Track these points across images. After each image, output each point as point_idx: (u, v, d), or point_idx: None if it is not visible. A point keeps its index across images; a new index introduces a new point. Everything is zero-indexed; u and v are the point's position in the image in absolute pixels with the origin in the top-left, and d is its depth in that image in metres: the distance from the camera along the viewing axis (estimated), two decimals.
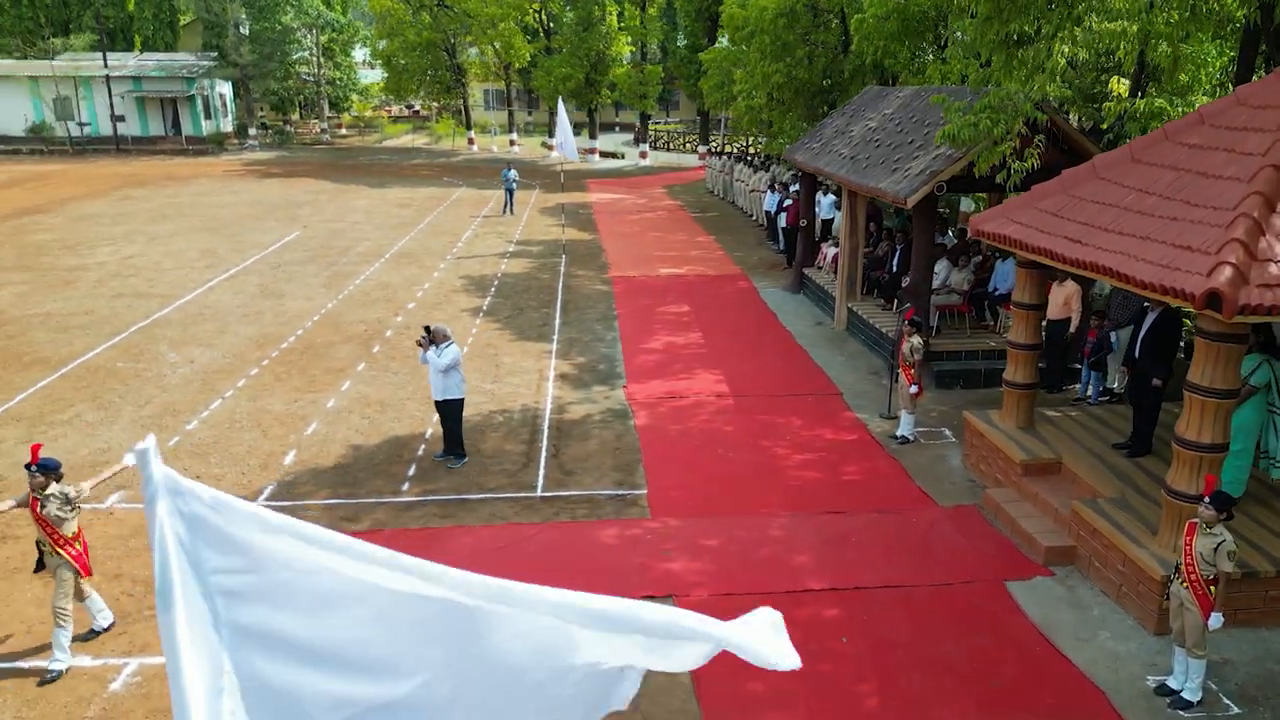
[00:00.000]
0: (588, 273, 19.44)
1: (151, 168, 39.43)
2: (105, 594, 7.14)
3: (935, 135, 10.70)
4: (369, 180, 35.09)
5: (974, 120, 9.66)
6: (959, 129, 9.81)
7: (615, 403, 11.70)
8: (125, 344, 13.73)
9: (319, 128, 54.27)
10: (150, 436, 2.34)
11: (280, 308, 15.95)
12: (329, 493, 9.07)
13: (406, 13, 43.21)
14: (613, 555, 8.06)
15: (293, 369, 12.69)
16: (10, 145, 45.98)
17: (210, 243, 21.98)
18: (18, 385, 11.83)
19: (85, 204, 28.44)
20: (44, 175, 36.43)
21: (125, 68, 47.21)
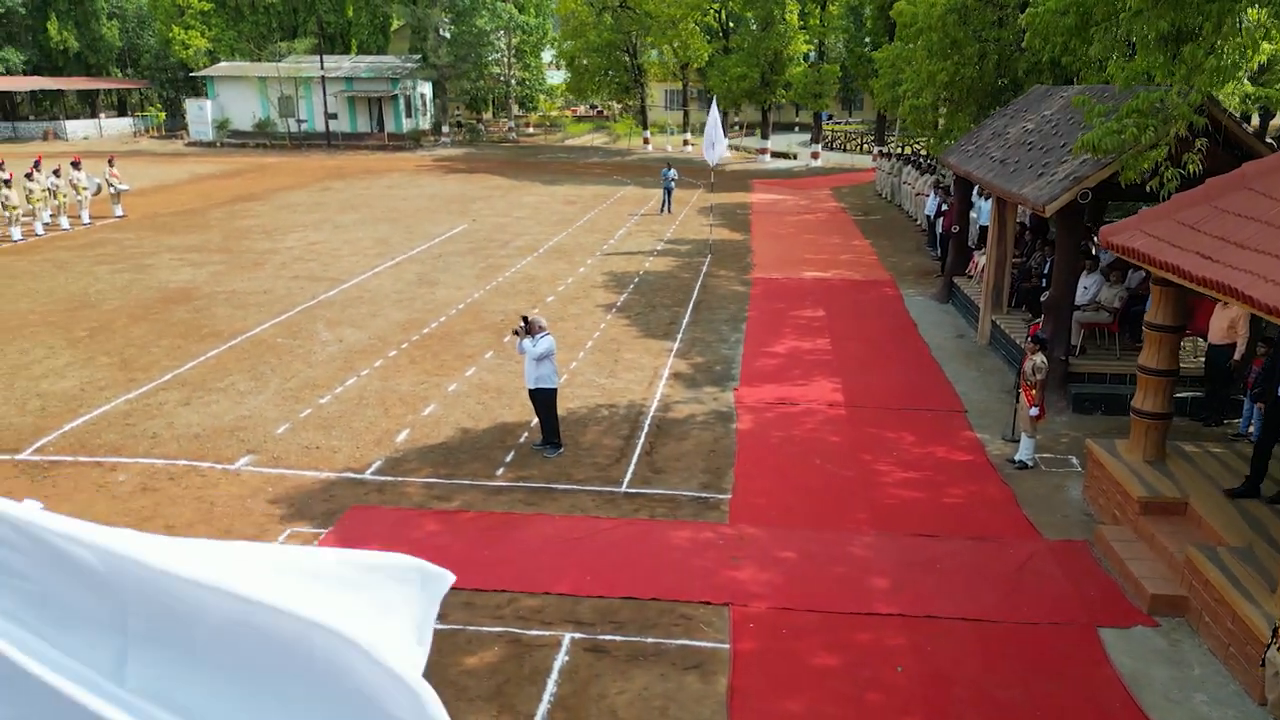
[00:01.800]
0: (729, 273, 19.34)
1: (354, 162, 42.80)
2: None
3: (1075, 142, 9.85)
4: (543, 177, 36.47)
5: (1117, 127, 8.80)
6: (1100, 137, 8.98)
7: (722, 405, 11.61)
8: (289, 322, 15.05)
9: (507, 126, 56.94)
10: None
11: (431, 295, 16.94)
12: (430, 471, 9.57)
13: (590, 14, 44.47)
14: (680, 556, 8.03)
15: (427, 353, 13.45)
16: (240, 139, 51.27)
17: (386, 232, 23.62)
18: (191, 354, 13.25)
19: (290, 194, 31.29)
20: (263, 166, 40.36)
21: (339, 69, 51.42)
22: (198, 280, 17.96)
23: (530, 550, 8.12)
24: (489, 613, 7.13)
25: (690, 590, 7.49)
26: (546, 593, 7.41)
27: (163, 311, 15.60)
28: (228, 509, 8.70)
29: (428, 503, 8.92)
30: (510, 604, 7.26)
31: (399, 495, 9.05)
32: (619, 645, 6.77)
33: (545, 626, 6.97)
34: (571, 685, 6.33)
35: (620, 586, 7.53)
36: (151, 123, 59.81)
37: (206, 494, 8.96)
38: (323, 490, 9.11)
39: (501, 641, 6.79)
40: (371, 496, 9.02)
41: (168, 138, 56.16)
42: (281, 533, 8.28)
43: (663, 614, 7.17)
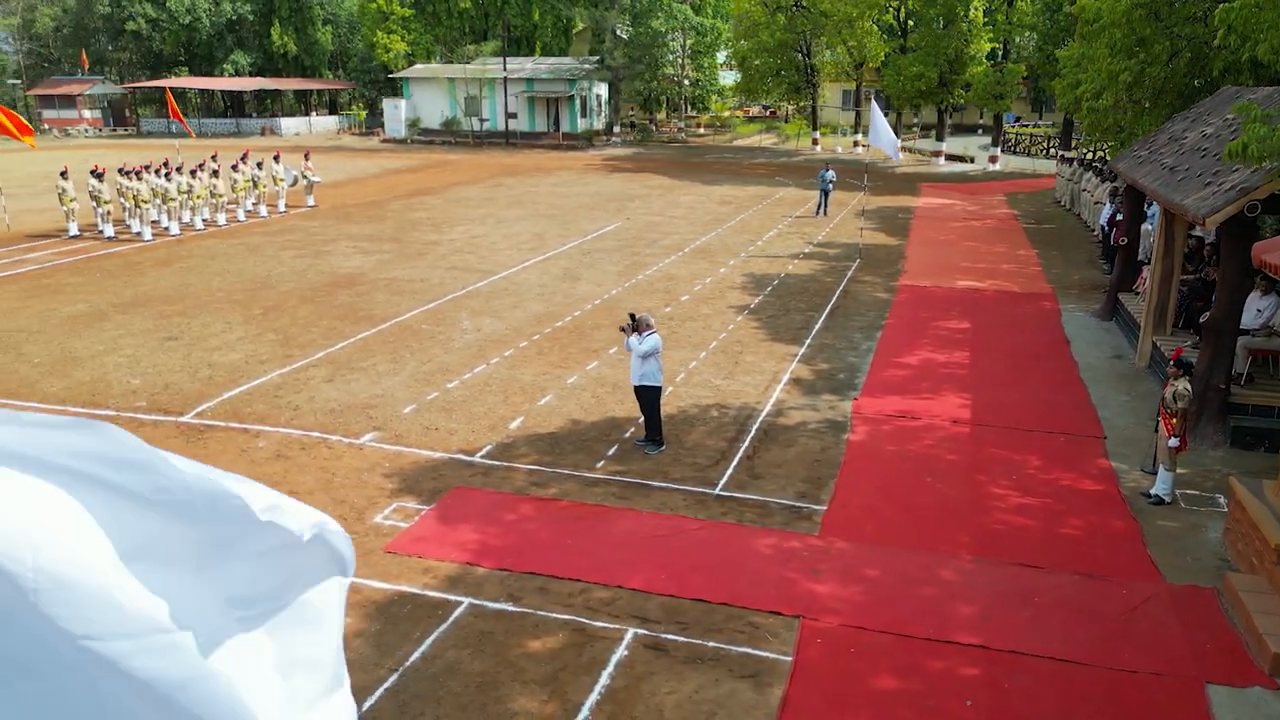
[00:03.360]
0: (875, 279, 18.74)
1: (527, 160, 44.59)
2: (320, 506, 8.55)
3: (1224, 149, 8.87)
4: (704, 177, 36.63)
5: (1264, 133, 7.88)
6: (1254, 142, 8.05)
7: (838, 414, 11.31)
8: (436, 310, 15.94)
9: (677, 126, 57.51)
10: None
11: (571, 290, 17.45)
12: (535, 458, 9.91)
13: (763, 14, 44.16)
14: (759, 564, 7.92)
15: (555, 345, 13.89)
16: (428, 136, 54.56)
17: (543, 228, 24.51)
18: (344, 335, 14.31)
19: (464, 189, 33.04)
20: (445, 163, 42.81)
21: (521, 71, 53.69)
22: (365, 268, 19.34)
23: (612, 543, 8.25)
24: (560, 600, 7.32)
25: (763, 598, 7.38)
26: (620, 586, 7.52)
27: (329, 295, 16.92)
28: (345, 480, 9.37)
29: (527, 488, 9.24)
30: (582, 594, 7.42)
31: (501, 480, 9.42)
32: (679, 646, 6.78)
33: (611, 619, 7.08)
34: (625, 680, 6.41)
35: (692, 587, 7.52)
36: (353, 120, 64.70)
37: (330, 465, 9.69)
38: (433, 469, 9.64)
39: (567, 629, 6.96)
40: (476, 479, 9.45)
41: (366, 134, 60.60)
42: (388, 505, 8.83)
43: (730, 619, 7.11)
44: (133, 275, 18.54)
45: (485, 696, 6.20)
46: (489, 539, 8.27)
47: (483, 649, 6.71)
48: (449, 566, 7.79)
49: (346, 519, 8.56)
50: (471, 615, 7.12)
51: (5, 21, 66.77)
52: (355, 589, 7.44)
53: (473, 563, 7.85)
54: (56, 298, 16.65)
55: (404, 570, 7.74)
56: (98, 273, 18.80)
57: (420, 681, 6.35)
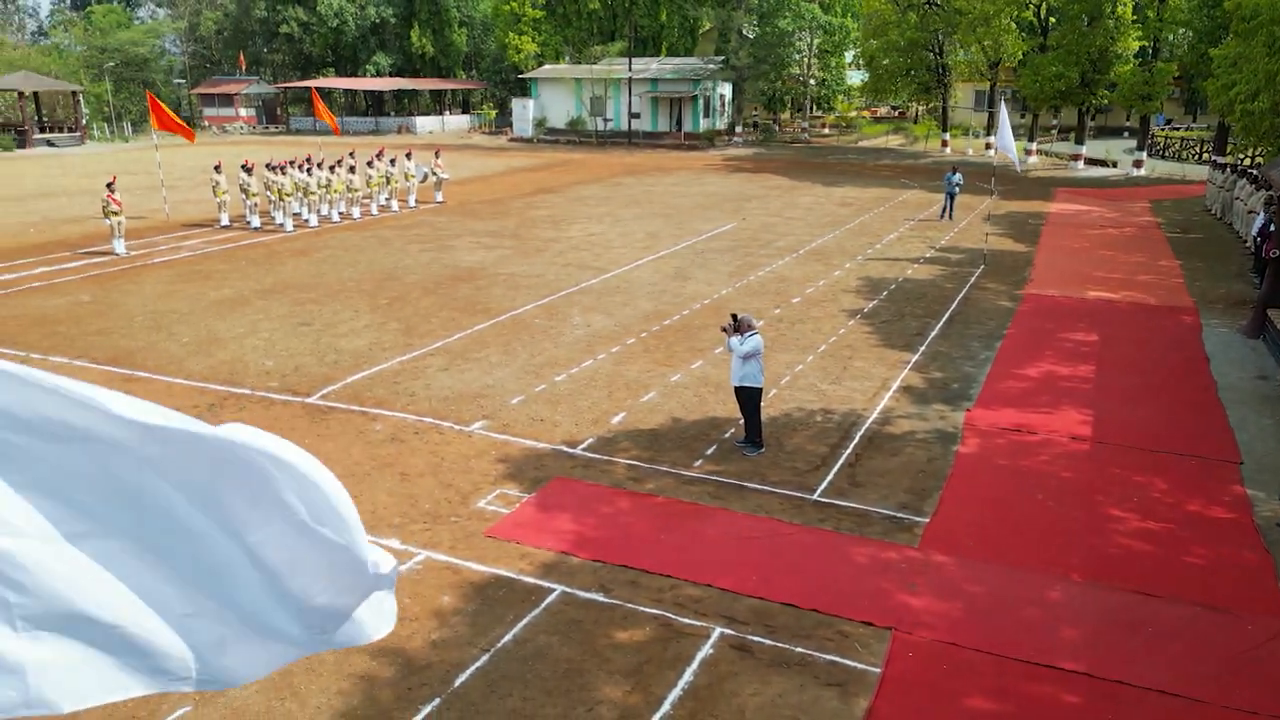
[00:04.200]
0: (998, 287, 18.03)
1: (648, 159, 44.99)
2: (428, 489, 8.92)
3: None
4: (824, 178, 36.07)
5: None
6: None
7: (949, 425, 10.97)
8: (550, 305, 16.33)
9: (800, 126, 56.78)
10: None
11: (681, 289, 17.54)
12: (635, 454, 10.04)
13: (893, 13, 43.08)
14: (854, 572, 7.79)
15: (661, 343, 14.01)
16: (553, 136, 55.78)
17: (658, 227, 24.70)
18: (461, 326, 14.85)
19: (584, 188, 33.64)
20: (568, 162, 43.69)
21: (646, 71, 54.19)
22: (486, 262, 19.99)
23: (705, 542, 8.28)
24: (650, 594, 7.41)
25: (855, 608, 7.26)
26: (709, 585, 7.54)
27: (450, 288, 17.58)
28: (453, 465, 9.74)
29: (624, 483, 9.38)
30: (672, 590, 7.49)
31: (600, 473, 9.60)
32: (766, 649, 6.76)
33: (699, 617, 7.12)
34: (708, 678, 6.44)
35: (783, 591, 7.47)
36: (483, 120, 66.81)
37: (440, 450, 10.09)
38: (536, 459, 9.90)
39: (654, 624, 7.04)
40: (577, 471, 9.65)
41: (495, 133, 62.49)
42: (492, 491, 9.14)
43: (819, 626, 7.03)
44: (273, 264, 19.77)
45: (571, 683, 6.35)
46: (585, 530, 8.44)
47: (572, 636, 6.87)
48: (545, 554, 8.00)
49: (451, 502, 8.91)
50: (563, 603, 7.29)
51: (174, 25, 72.20)
52: (455, 569, 7.75)
53: (568, 552, 8.03)
54: (206, 283, 17.94)
55: (502, 555, 7.99)
56: (243, 261, 20.13)
57: (510, 663, 6.56)
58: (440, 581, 7.59)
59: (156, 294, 17.03)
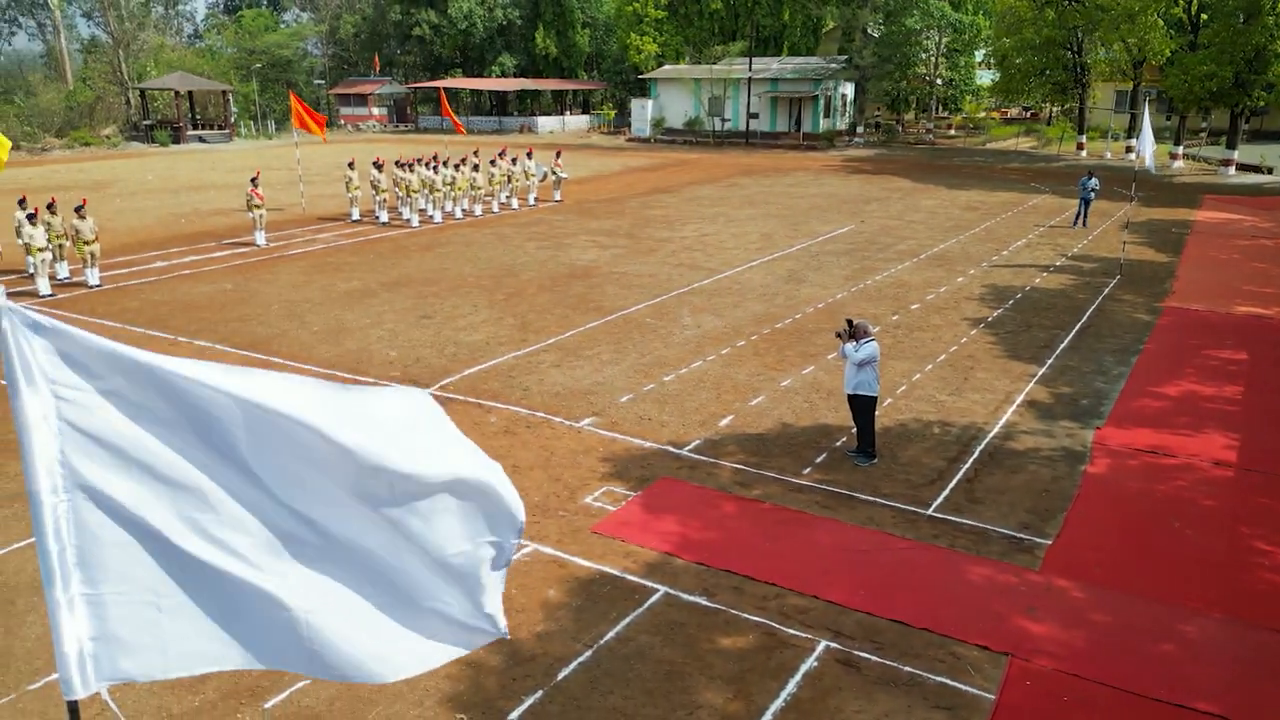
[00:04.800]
0: (1135, 298, 17.02)
1: (765, 160, 44.56)
2: (538, 482, 9.07)
3: None
4: (949, 181, 34.90)
5: None
6: None
7: (1076, 443, 10.41)
8: (660, 304, 16.37)
9: (925, 127, 55.12)
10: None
11: (795, 292, 17.27)
12: (742, 457, 9.94)
13: (1029, 9, 41.24)
14: (969, 593, 7.48)
15: (772, 347, 13.83)
16: (671, 136, 55.94)
17: (773, 228, 24.42)
18: (574, 324, 15.05)
19: (699, 188, 33.61)
20: (685, 162, 43.73)
21: (766, 71, 53.69)
22: (599, 261, 20.21)
23: (812, 552, 8.12)
24: (754, 601, 7.32)
25: (969, 630, 6.97)
26: (815, 596, 7.39)
27: (565, 285, 17.86)
28: (562, 459, 9.87)
29: (730, 487, 9.30)
30: (777, 598, 7.37)
31: (707, 475, 9.54)
32: (873, 666, 6.57)
33: (804, 628, 6.98)
34: (812, 691, 6.30)
35: (893, 608, 7.25)
36: (603, 120, 67.62)
37: (549, 444, 10.25)
38: (643, 458, 9.93)
39: (758, 631, 6.95)
40: (683, 471, 9.63)
41: (614, 133, 63.15)
42: (599, 488, 9.22)
43: (930, 646, 6.79)
44: (399, 257, 20.54)
45: (671, 685, 6.33)
46: (690, 532, 8.41)
47: (674, 638, 6.85)
48: (649, 554, 8.01)
49: (559, 496, 9.03)
50: (666, 604, 7.28)
51: (316, 28, 76.04)
52: (561, 563, 7.85)
53: (672, 553, 8.02)
54: (336, 274, 18.80)
55: (607, 551, 8.05)
56: (371, 254, 21.00)
57: (612, 661, 6.59)
58: (547, 575, 7.70)
59: (291, 284, 17.95)
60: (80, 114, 55.28)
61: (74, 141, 51.16)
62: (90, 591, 2.59)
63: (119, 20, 60.25)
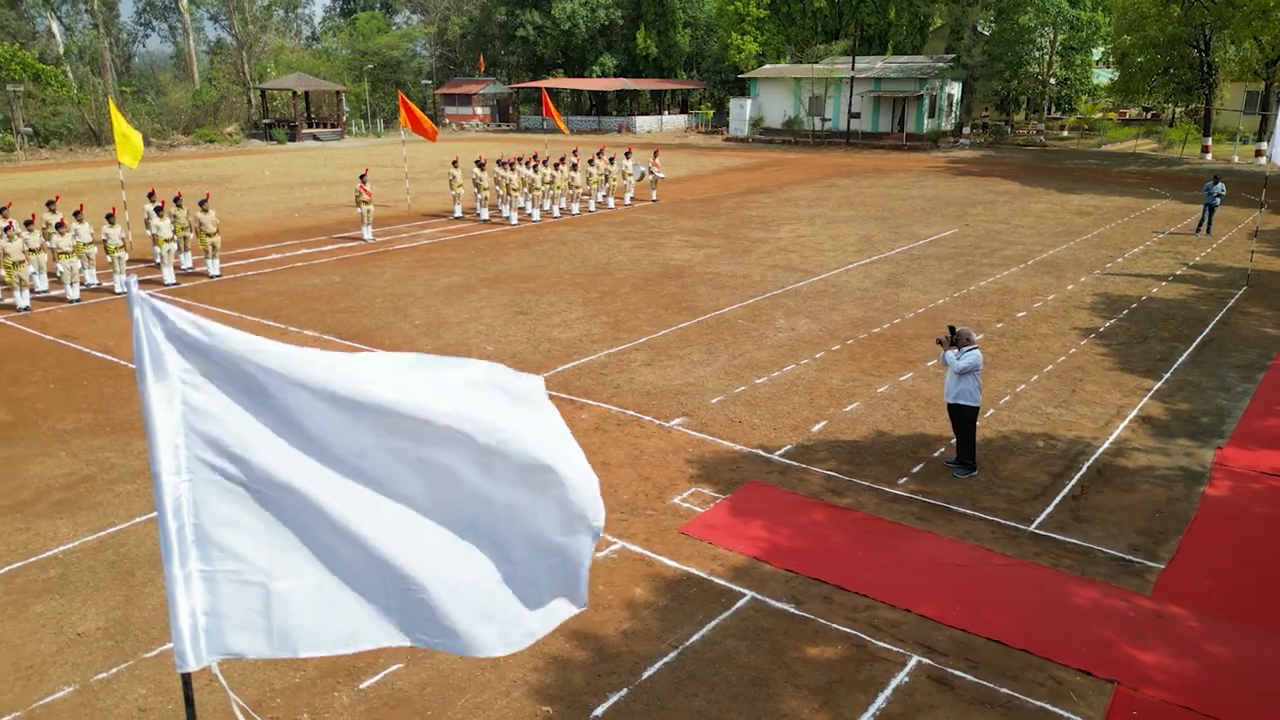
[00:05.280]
0: (1265, 311, 15.98)
1: (865, 160, 43.68)
2: (627, 480, 9.10)
3: None
4: (1060, 184, 33.53)
5: None
6: None
7: (1195, 463, 9.84)
8: (754, 306, 16.22)
9: (1035, 128, 53.10)
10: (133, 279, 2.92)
11: (894, 296, 16.87)
12: (834, 464, 9.76)
13: (1153, 6, 39.20)
14: (1073, 615, 7.14)
15: (869, 352, 13.53)
16: (769, 135, 55.44)
17: (871, 231, 23.92)
18: (666, 323, 15.06)
19: (796, 188, 33.19)
20: (782, 162, 43.28)
21: (870, 70, 52.61)
22: (693, 261, 20.17)
23: (906, 564, 7.90)
24: (844, 612, 7.17)
25: (1071, 654, 6.67)
26: (908, 610, 7.19)
27: (657, 285, 17.89)
28: (651, 458, 9.89)
29: (822, 494, 9.14)
30: (867, 610, 7.21)
31: (797, 480, 9.41)
32: (968, 685, 6.35)
33: (896, 642, 6.80)
34: (902, 707, 6.13)
35: (991, 626, 6.99)
36: (701, 119, 67.51)
37: (639, 443, 10.28)
38: (732, 461, 9.86)
39: (847, 643, 6.80)
40: (773, 476, 9.51)
41: (711, 133, 62.97)
42: (687, 489, 9.19)
43: (1029, 668, 6.52)
44: (498, 254, 20.95)
45: (757, 691, 6.26)
46: (779, 538, 8.30)
47: (760, 644, 6.77)
48: (737, 558, 7.95)
49: (648, 495, 9.05)
50: (753, 609, 7.21)
51: (425, 30, 78.32)
52: (648, 562, 7.86)
53: (760, 558, 7.93)
54: (438, 269, 19.31)
55: (694, 553, 8.02)
56: (471, 250, 21.49)
57: (697, 663, 6.56)
58: (634, 573, 7.72)
59: (396, 277, 18.53)
60: (205, 112, 58.36)
61: (199, 138, 54.05)
62: (205, 568, 2.72)
63: (243, 23, 63.37)
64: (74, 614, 7.13)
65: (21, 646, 6.72)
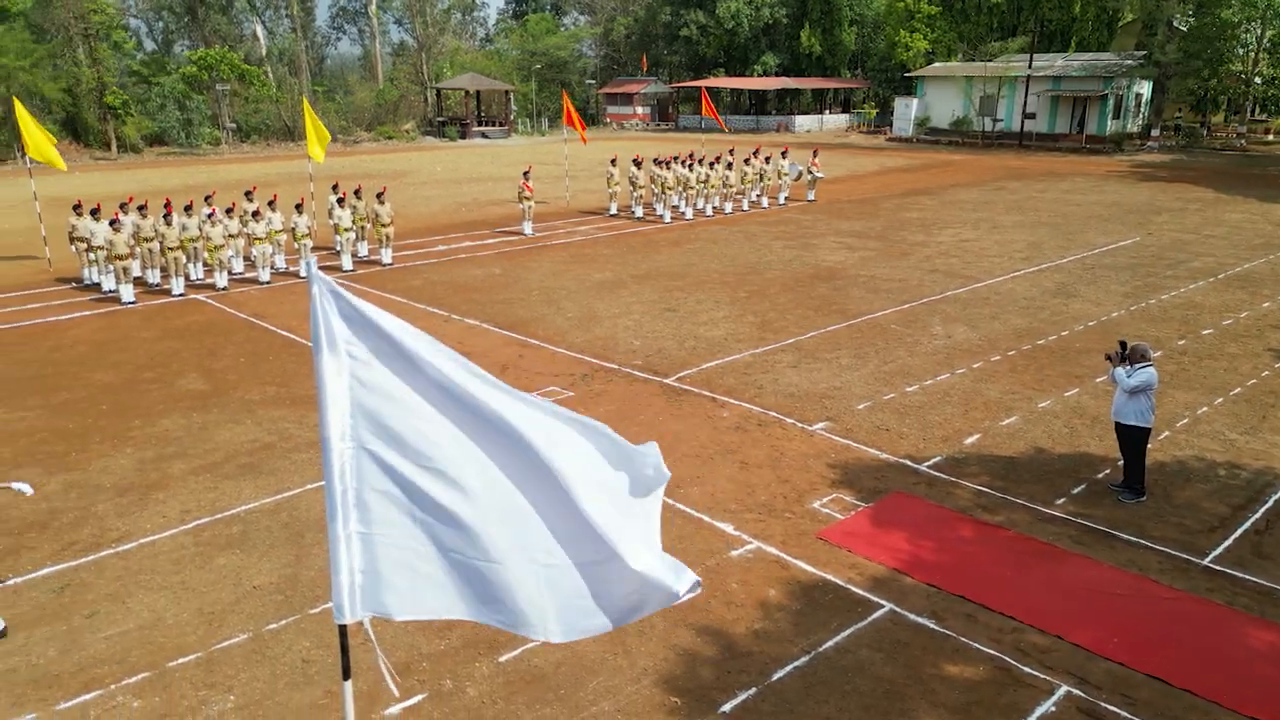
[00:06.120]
0: None
1: (1039, 163, 41.37)
2: (765, 481, 9.05)
3: None
4: (1262, 192, 30.64)
5: None
6: None
7: None
8: (909, 311, 15.72)
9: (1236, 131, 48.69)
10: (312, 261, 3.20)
11: (1062, 307, 15.93)
12: (986, 480, 9.35)
13: None
14: (1248, 659, 6.55)
15: (1031, 364, 12.85)
16: (934, 136, 53.47)
17: (1043, 237, 22.66)
18: (815, 325, 14.83)
19: (961, 191, 31.86)
20: (948, 163, 41.65)
21: (1049, 68, 49.78)
22: (846, 263, 19.76)
23: (1059, 589, 7.48)
24: (988, 633, 6.88)
25: (1244, 700, 6.13)
26: (1059, 636, 6.81)
27: (808, 286, 17.65)
28: (791, 461, 9.79)
29: (971, 509, 8.78)
30: (1014, 632, 6.88)
31: (945, 494, 9.07)
32: None
33: (1044, 669, 6.47)
34: None
35: (1151, 662, 6.53)
36: (863, 119, 65.87)
37: (780, 445, 10.20)
38: (877, 469, 9.62)
39: (989, 665, 6.52)
40: (919, 488, 9.22)
41: (873, 133, 61.36)
42: (827, 495, 9.05)
43: (1193, 711, 6.05)
44: (649, 252, 21.25)
45: (890, 704, 6.11)
46: (922, 551, 8.04)
47: (896, 657, 6.59)
48: (876, 568, 7.76)
49: (786, 497, 8.97)
50: (890, 621, 7.03)
51: (591, 31, 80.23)
52: (784, 564, 7.81)
53: (901, 570, 7.71)
54: (591, 265, 19.80)
55: (831, 560, 7.89)
56: (624, 247, 21.90)
57: (829, 670, 6.46)
58: (768, 574, 7.69)
59: (551, 271, 19.14)
60: (386, 110, 62.06)
61: (380, 135, 57.57)
62: (364, 530, 2.96)
63: (424, 26, 66.95)
64: (251, 568, 7.81)
65: (205, 594, 7.43)
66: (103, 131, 47.45)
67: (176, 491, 9.24)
